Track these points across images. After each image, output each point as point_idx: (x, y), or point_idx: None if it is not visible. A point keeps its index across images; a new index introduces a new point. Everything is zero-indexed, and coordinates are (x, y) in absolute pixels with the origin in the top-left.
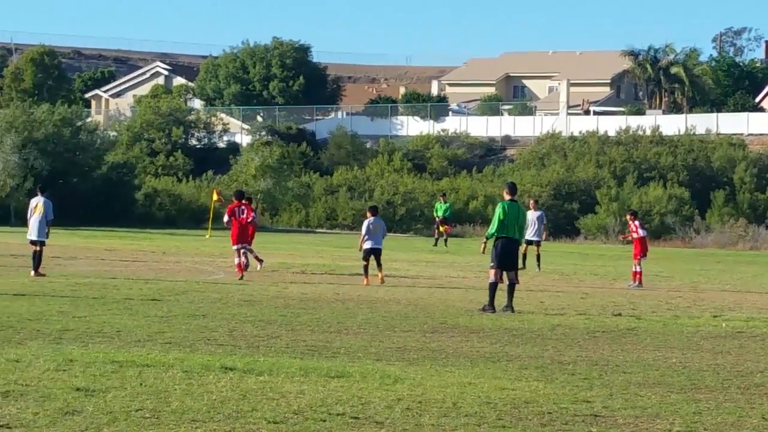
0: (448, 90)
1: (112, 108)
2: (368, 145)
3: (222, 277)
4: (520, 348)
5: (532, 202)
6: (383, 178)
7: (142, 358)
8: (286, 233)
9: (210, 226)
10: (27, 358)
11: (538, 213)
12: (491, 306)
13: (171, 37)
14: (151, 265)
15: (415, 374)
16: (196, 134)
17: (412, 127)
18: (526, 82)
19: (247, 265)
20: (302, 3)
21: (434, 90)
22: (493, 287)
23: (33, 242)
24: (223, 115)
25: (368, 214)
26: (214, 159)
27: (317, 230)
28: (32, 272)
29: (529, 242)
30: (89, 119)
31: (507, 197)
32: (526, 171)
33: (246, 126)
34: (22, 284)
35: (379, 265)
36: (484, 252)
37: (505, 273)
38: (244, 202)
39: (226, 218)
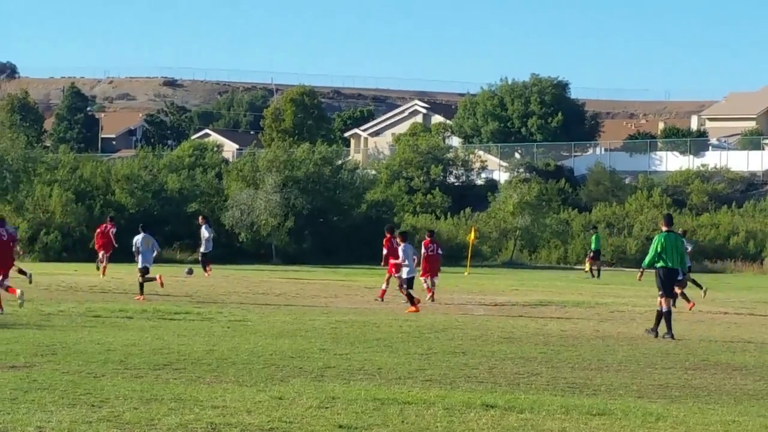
0: (708, 125)
1: (371, 147)
2: (627, 181)
3: (482, 314)
4: None
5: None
6: (642, 214)
7: (403, 395)
8: (545, 270)
9: (468, 263)
10: (290, 396)
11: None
12: (655, 331)
13: (429, 75)
14: None
15: (677, 412)
16: (454, 172)
17: (671, 162)
18: None
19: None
20: (561, 40)
21: (694, 125)
22: (662, 315)
23: None
24: (481, 153)
25: (400, 240)
26: (472, 196)
27: (576, 267)
28: None
29: None
30: (348, 158)
31: (664, 229)
32: None
33: (504, 163)
34: (283, 322)
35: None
36: (640, 279)
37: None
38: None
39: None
